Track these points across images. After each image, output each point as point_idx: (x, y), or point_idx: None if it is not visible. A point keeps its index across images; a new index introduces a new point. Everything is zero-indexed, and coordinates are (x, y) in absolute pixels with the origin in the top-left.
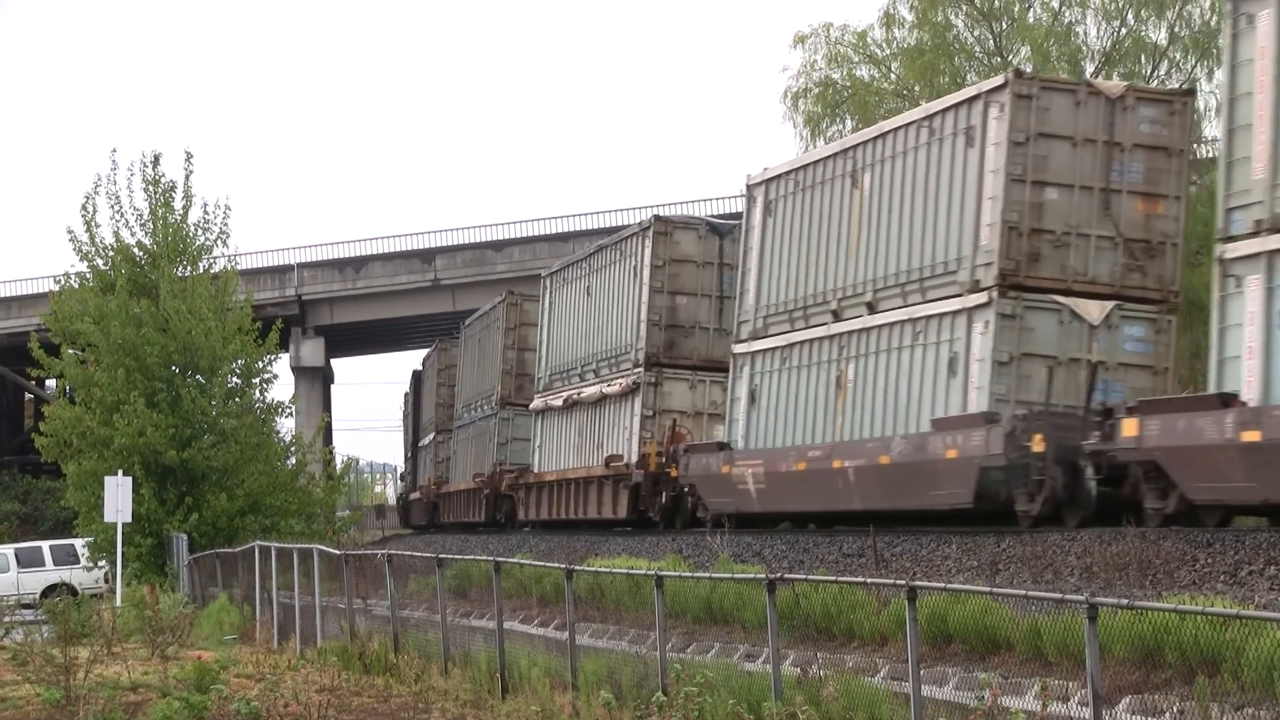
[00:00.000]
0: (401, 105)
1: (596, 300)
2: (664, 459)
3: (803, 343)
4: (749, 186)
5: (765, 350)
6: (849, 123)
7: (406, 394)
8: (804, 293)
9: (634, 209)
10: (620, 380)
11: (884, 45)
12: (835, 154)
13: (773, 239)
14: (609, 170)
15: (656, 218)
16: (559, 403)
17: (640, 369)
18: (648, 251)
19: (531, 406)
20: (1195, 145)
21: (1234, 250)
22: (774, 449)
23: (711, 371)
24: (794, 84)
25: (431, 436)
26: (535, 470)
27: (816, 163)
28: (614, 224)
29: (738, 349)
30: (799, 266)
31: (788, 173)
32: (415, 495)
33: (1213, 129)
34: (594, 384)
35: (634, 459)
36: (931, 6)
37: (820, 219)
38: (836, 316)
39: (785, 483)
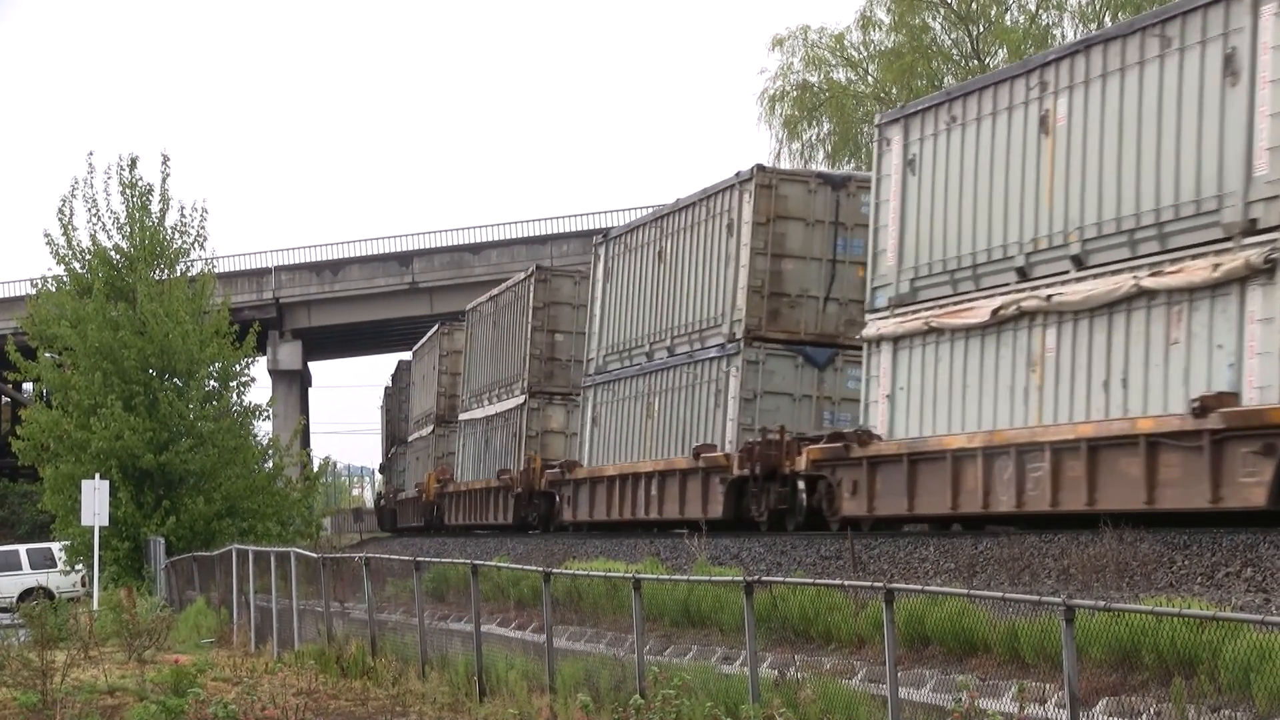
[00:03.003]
0: (379, 108)
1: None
2: None
3: None
4: None
5: None
6: (826, 126)
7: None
8: None
9: (613, 212)
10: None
11: (861, 48)
12: None
13: None
14: (586, 173)
15: None
16: (980, 316)
17: None
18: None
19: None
20: None
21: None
22: None
23: None
24: (771, 86)
25: (524, 398)
26: (910, 435)
27: None
28: (592, 226)
29: None
30: None
31: None
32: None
33: None
34: (1091, 275)
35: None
36: (909, 9)
37: None
38: None
39: None
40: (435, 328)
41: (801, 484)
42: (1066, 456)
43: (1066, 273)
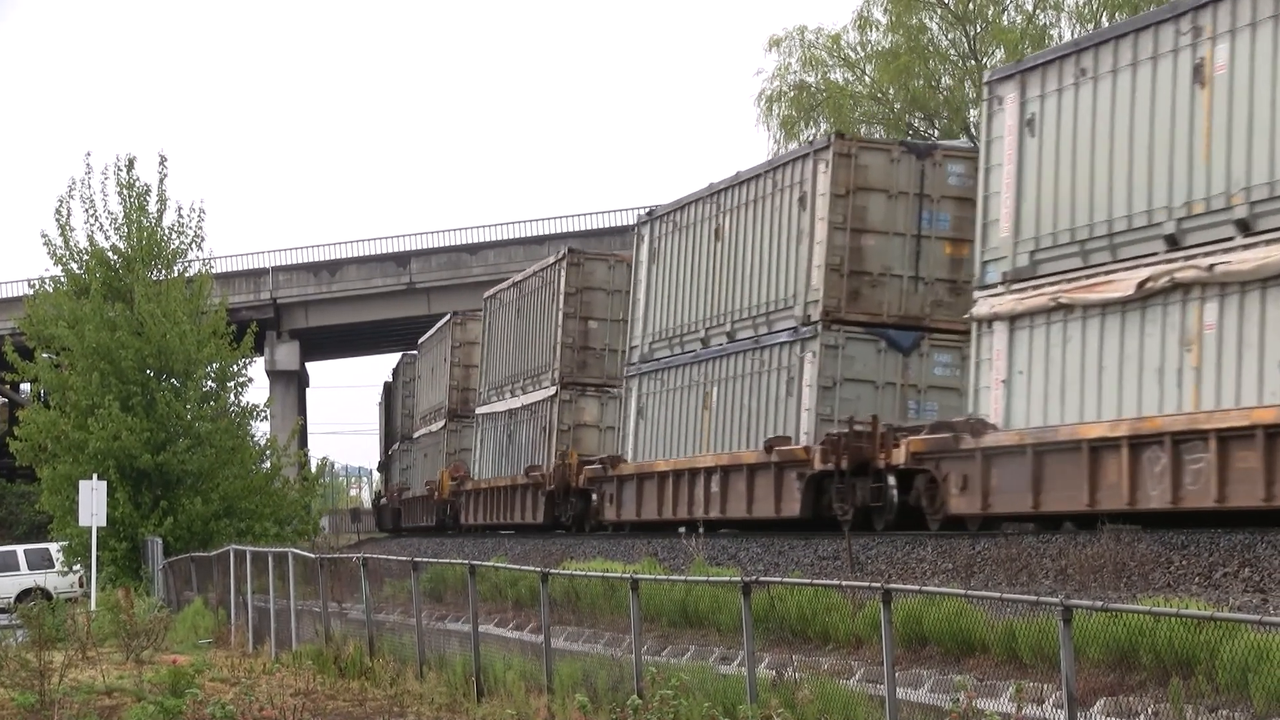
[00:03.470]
0: (378, 108)
1: None
2: None
3: None
4: None
5: None
6: (823, 126)
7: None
8: None
9: (611, 212)
10: None
11: (858, 48)
12: None
13: None
14: (584, 174)
15: None
16: (1122, 289)
17: None
18: None
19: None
20: None
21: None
22: None
23: None
24: (768, 87)
25: (555, 390)
26: None
27: None
28: (590, 227)
29: None
30: None
31: None
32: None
33: None
34: None
35: None
36: (906, 9)
37: None
38: None
39: None
40: (447, 317)
41: (892, 480)
42: (1237, 445)
43: (1230, 239)
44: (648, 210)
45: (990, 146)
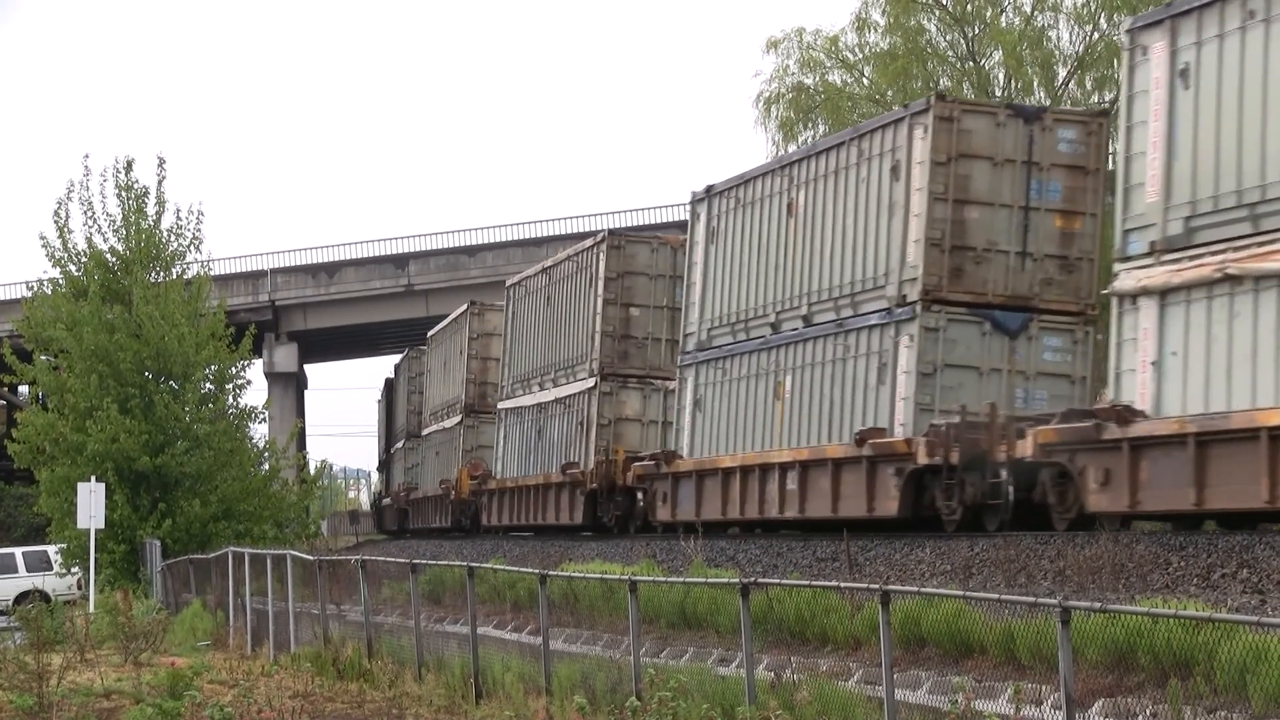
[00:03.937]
0: (376, 110)
1: None
2: None
3: None
4: None
5: None
6: (822, 128)
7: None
8: None
9: (607, 214)
10: None
11: (856, 50)
12: None
13: None
14: (583, 176)
15: None
16: None
17: None
18: None
19: None
20: None
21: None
22: None
23: None
24: (766, 89)
25: (594, 382)
26: None
27: None
28: (587, 229)
29: None
30: None
31: None
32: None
33: None
34: None
35: None
36: (904, 11)
37: None
38: None
39: None
40: (463, 308)
41: (1009, 475)
42: None
43: None
44: (704, 187)
45: (1133, 102)
